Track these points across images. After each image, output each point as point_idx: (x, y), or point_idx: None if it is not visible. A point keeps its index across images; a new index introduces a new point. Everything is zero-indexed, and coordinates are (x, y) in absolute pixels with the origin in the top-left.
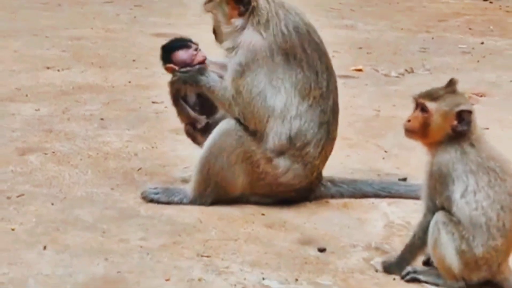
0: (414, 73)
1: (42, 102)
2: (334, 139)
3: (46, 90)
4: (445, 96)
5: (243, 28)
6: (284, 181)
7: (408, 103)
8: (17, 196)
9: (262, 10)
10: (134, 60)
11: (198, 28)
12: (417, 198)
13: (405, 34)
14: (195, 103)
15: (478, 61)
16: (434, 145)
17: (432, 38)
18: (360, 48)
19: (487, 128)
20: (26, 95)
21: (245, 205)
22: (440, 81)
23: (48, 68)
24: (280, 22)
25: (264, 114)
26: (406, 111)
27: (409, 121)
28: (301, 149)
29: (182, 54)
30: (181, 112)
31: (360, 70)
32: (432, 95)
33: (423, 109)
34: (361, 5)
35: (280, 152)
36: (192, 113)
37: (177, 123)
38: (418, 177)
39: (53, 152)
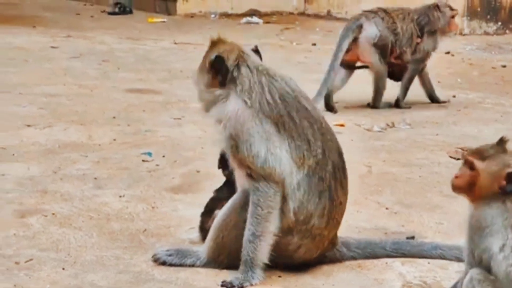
0: (396, 127)
1: (31, 162)
2: (341, 203)
3: (32, 149)
4: (495, 156)
5: (226, 98)
6: (296, 256)
7: (397, 158)
8: (26, 262)
9: (244, 78)
10: (114, 117)
11: (170, 83)
12: (430, 257)
13: None
14: None
15: (454, 115)
16: (478, 200)
17: None
18: (336, 102)
19: None
20: (13, 155)
21: None
22: (422, 136)
23: (29, 126)
24: (264, 89)
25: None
26: (397, 167)
27: (456, 177)
28: (307, 222)
29: None
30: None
31: (342, 125)
32: (482, 154)
33: (471, 167)
34: (326, 59)
35: (288, 230)
36: None
37: (173, 182)
38: (424, 235)
39: (53, 214)
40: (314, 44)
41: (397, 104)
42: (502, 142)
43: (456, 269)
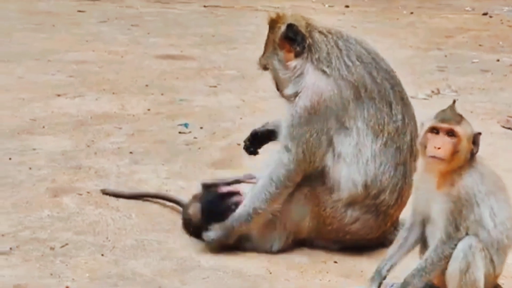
0: (441, 94)
1: (62, 135)
2: (411, 184)
3: (63, 120)
4: (463, 119)
5: (303, 69)
6: (352, 230)
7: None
8: (61, 247)
9: (319, 44)
10: (147, 85)
11: (203, 49)
12: None
13: (416, 52)
14: None
15: (500, 81)
16: (450, 172)
17: (445, 56)
18: None
19: None
20: (43, 127)
21: (312, 250)
22: (471, 104)
23: (59, 95)
24: (342, 53)
25: (335, 161)
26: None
27: (439, 148)
28: (376, 197)
29: None
30: None
31: None
32: (455, 119)
33: (451, 134)
34: (361, 21)
35: (351, 202)
36: None
37: (214, 156)
38: None
39: (88, 193)
40: (347, 6)
41: None
42: (454, 105)
43: None
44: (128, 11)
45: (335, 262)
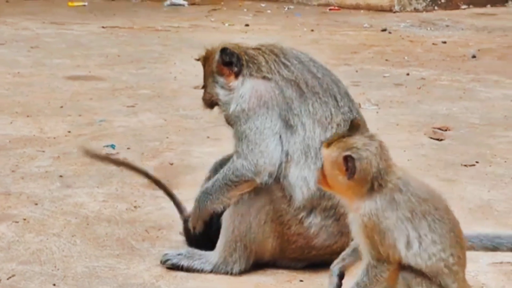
0: (362, 108)
1: None
2: None
3: None
4: (338, 141)
5: (243, 83)
6: (317, 243)
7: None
8: (8, 278)
9: (256, 57)
10: (61, 107)
11: (111, 69)
12: None
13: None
14: None
15: (416, 94)
16: (353, 197)
17: (356, 71)
18: None
19: (475, 164)
20: None
21: (275, 270)
22: (394, 116)
23: None
24: (278, 57)
25: (286, 163)
26: None
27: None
28: (331, 197)
29: None
30: None
31: None
32: (328, 141)
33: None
34: (265, 39)
35: (311, 208)
36: None
37: None
38: None
39: (25, 220)
40: (247, 25)
41: None
42: (353, 126)
43: (488, 262)
44: (25, 33)
45: (301, 281)
